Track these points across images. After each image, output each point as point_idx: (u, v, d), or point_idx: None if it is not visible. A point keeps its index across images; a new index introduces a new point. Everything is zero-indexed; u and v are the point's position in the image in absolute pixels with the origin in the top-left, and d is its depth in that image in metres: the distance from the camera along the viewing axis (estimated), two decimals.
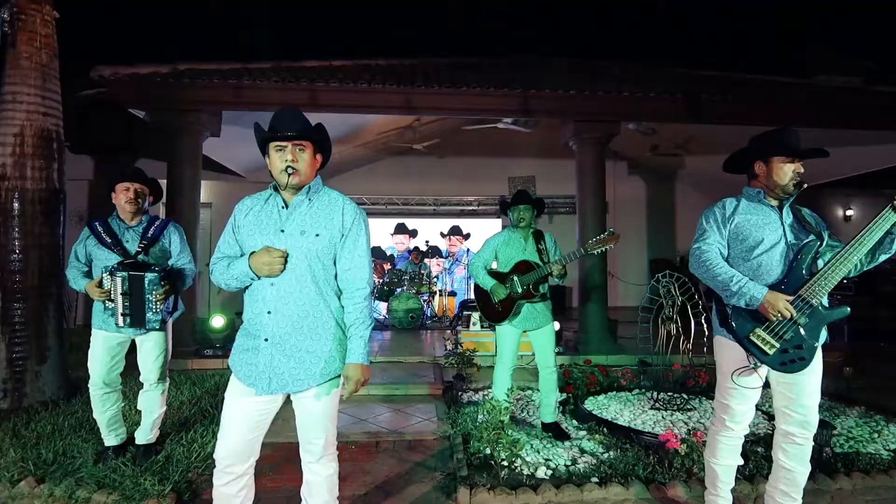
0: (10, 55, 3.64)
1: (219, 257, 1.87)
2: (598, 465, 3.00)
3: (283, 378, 1.75)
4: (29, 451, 2.93)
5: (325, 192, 1.87)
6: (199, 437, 3.21)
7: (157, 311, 2.74)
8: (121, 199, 2.82)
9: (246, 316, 1.82)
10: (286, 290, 1.75)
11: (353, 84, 5.53)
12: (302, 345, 1.76)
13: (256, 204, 1.86)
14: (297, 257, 1.76)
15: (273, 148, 1.78)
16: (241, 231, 1.83)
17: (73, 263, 2.86)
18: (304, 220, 1.80)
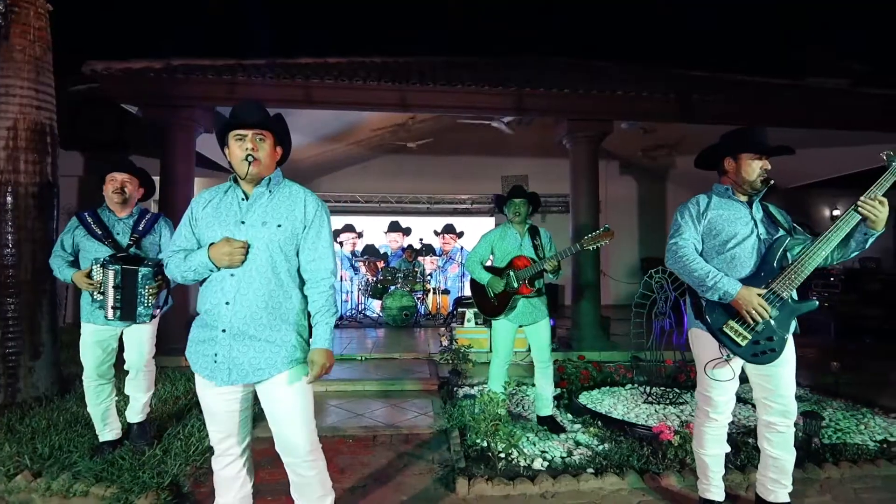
0: (3, 48, 3.61)
1: (174, 250, 1.84)
2: (594, 457, 3.05)
3: (243, 368, 1.72)
4: (24, 446, 2.91)
5: (285, 185, 1.86)
6: (197, 431, 3.20)
7: (149, 306, 2.73)
8: (108, 190, 2.81)
9: (202, 307, 1.79)
10: (246, 281, 1.73)
11: (348, 81, 5.54)
12: (261, 335, 1.73)
13: (215, 196, 1.85)
14: (259, 248, 1.75)
15: (233, 137, 1.77)
16: (199, 223, 1.82)
17: (57, 253, 2.84)
18: (266, 211, 1.78)
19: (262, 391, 1.79)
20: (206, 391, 1.80)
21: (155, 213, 2.97)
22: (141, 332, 2.86)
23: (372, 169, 10.48)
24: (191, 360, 1.80)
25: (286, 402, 1.78)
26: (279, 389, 1.77)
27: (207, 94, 5.53)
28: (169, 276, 1.85)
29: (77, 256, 2.86)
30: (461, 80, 5.75)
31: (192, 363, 1.80)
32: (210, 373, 1.75)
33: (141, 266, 2.69)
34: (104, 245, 2.76)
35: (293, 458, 1.82)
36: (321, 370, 1.75)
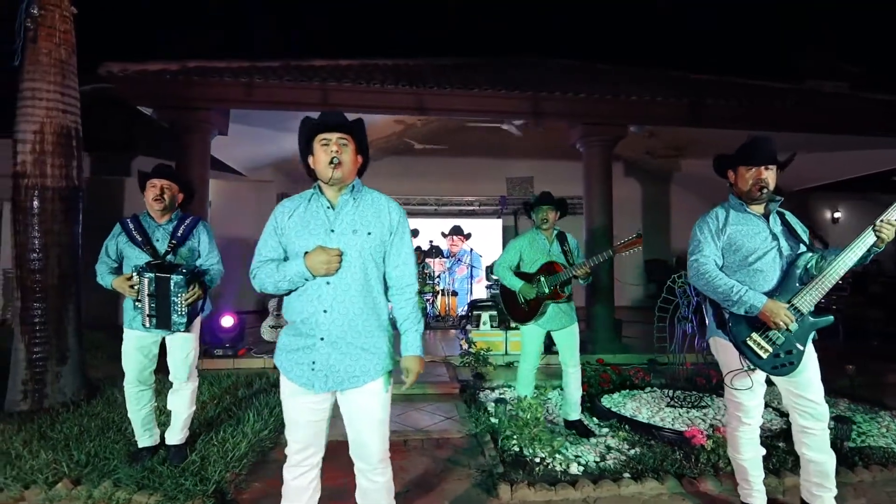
0: (31, 51, 3.58)
1: (262, 261, 1.86)
2: (627, 461, 3.07)
3: (339, 375, 1.77)
4: (60, 453, 2.90)
5: (367, 192, 1.90)
6: (230, 437, 3.20)
7: (183, 314, 2.69)
8: (148, 196, 2.80)
9: (296, 316, 1.81)
10: (342, 289, 1.77)
11: (365, 84, 5.54)
12: (357, 342, 1.78)
13: (299, 205, 1.87)
14: (352, 256, 1.78)
15: (318, 143, 1.81)
16: (287, 233, 1.84)
17: (102, 259, 2.83)
18: (353, 219, 1.82)
19: (348, 398, 1.82)
20: (296, 399, 1.82)
21: (194, 217, 2.96)
22: (182, 340, 2.84)
23: (377, 170, 10.41)
24: (284, 368, 1.83)
25: (371, 409, 1.82)
26: (367, 397, 1.81)
27: (224, 96, 5.50)
28: (258, 286, 1.85)
29: (121, 263, 2.85)
30: (476, 83, 5.77)
31: (285, 371, 1.83)
32: (307, 380, 1.78)
33: (173, 274, 2.66)
34: (143, 251, 2.75)
35: (366, 465, 1.85)
36: (416, 377, 1.84)
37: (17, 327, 3.59)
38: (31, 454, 2.88)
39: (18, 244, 3.58)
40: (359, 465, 1.87)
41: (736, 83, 7.15)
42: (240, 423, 3.46)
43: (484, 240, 9.72)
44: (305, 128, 1.85)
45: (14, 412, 3.49)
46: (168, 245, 2.80)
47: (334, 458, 1.93)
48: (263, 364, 5.43)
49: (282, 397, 1.88)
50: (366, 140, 1.91)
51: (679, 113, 6.05)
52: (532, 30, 11.98)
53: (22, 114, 3.59)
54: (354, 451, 1.87)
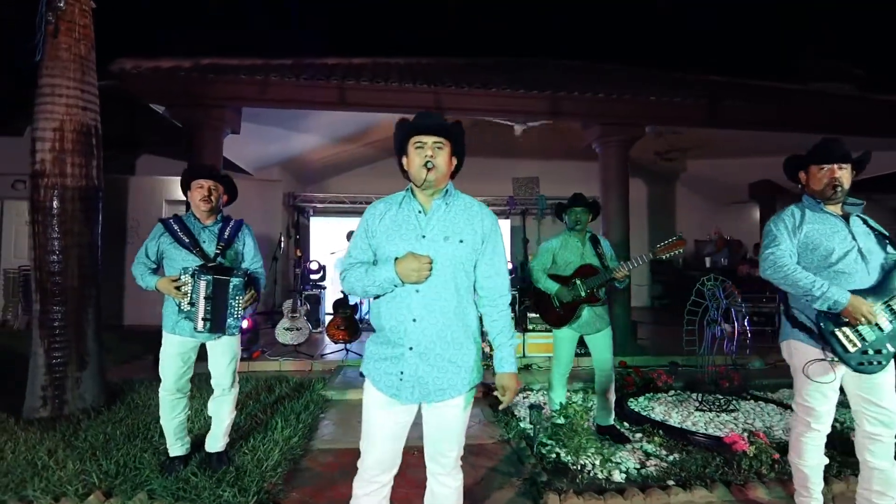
0: (50, 46, 3.46)
1: (352, 263, 1.81)
2: (668, 468, 3.02)
3: (427, 387, 1.71)
4: (88, 463, 2.79)
5: (459, 197, 1.84)
6: (261, 446, 3.11)
7: (238, 318, 2.67)
8: (195, 197, 2.71)
9: (384, 323, 1.76)
10: (432, 298, 1.70)
11: (382, 83, 5.45)
12: (446, 354, 1.72)
13: (390, 208, 1.82)
14: (443, 264, 1.71)
15: (413, 146, 1.76)
16: (377, 236, 1.78)
17: (141, 260, 2.73)
18: (445, 225, 1.75)
19: (433, 410, 1.75)
20: (380, 411, 1.75)
21: (238, 220, 2.88)
22: (226, 345, 2.76)
23: (381, 170, 10.36)
24: (371, 377, 1.78)
25: (454, 422, 1.76)
26: (452, 411, 1.75)
27: (239, 94, 5.40)
28: (347, 288, 1.79)
29: (160, 264, 2.75)
30: (494, 82, 5.70)
31: (374, 381, 1.77)
32: (395, 391, 1.72)
33: (232, 276, 2.60)
34: (192, 254, 2.66)
35: (441, 468, 1.81)
36: (514, 395, 1.77)
37: (36, 331, 3.47)
38: (57, 464, 2.77)
39: (38, 245, 3.45)
40: (432, 468, 1.83)
41: (748, 85, 7.15)
42: (268, 430, 3.37)
43: None
44: (402, 129, 1.79)
45: (34, 419, 3.37)
46: (217, 247, 2.71)
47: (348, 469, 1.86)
48: (279, 367, 5.33)
49: (365, 408, 1.82)
50: (463, 143, 1.84)
51: (697, 113, 6.02)
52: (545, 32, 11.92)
53: (41, 111, 3.47)
54: (431, 456, 1.82)
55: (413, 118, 1.79)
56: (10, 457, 2.82)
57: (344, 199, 9.51)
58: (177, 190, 8.75)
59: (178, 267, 2.66)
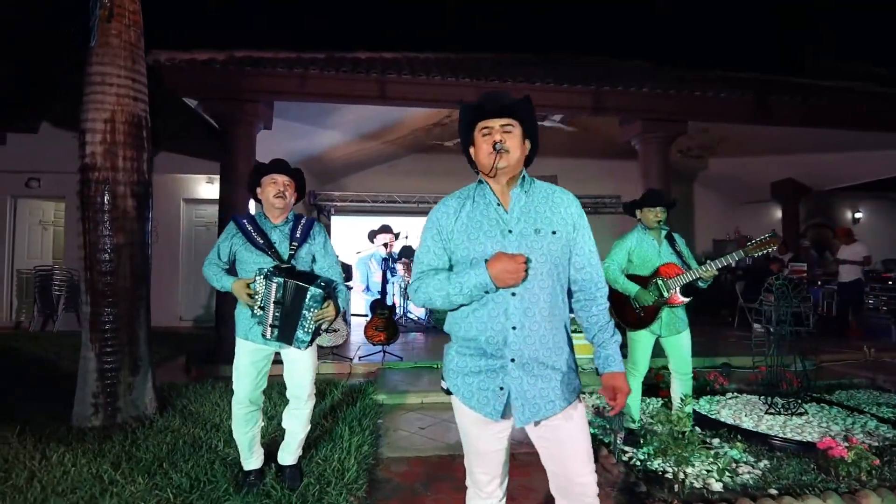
0: (100, 31, 3.27)
1: (424, 271, 1.59)
2: (763, 475, 2.88)
3: (535, 402, 1.49)
4: (158, 477, 2.60)
5: (537, 184, 1.62)
6: (335, 455, 2.93)
7: (308, 331, 2.39)
8: (269, 194, 2.50)
9: (477, 334, 1.53)
10: (531, 301, 1.49)
11: (424, 76, 5.28)
12: (549, 361, 1.51)
13: (463, 204, 1.60)
14: (538, 261, 1.50)
15: (479, 132, 1.55)
16: (454, 237, 1.56)
17: (213, 260, 2.54)
18: (532, 216, 1.54)
19: (546, 429, 1.53)
20: (478, 429, 1.56)
21: (308, 217, 2.68)
22: (305, 354, 2.53)
23: (399, 168, 10.20)
24: (462, 395, 1.56)
25: (574, 438, 1.54)
26: (567, 424, 1.53)
27: (277, 87, 5.21)
28: (422, 301, 1.58)
29: (232, 266, 2.56)
30: (537, 76, 5.55)
31: (464, 399, 1.55)
32: (493, 409, 1.51)
33: (312, 285, 2.37)
34: (266, 255, 2.46)
35: (584, 499, 1.55)
36: (625, 397, 1.54)
37: (86, 334, 3.27)
38: (125, 478, 2.58)
39: (88, 244, 3.25)
40: None
41: (802, 83, 7.00)
42: (335, 438, 3.19)
43: None
44: (465, 114, 1.59)
45: (85, 428, 3.17)
46: (290, 248, 2.52)
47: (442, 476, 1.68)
48: (319, 370, 5.14)
49: (460, 424, 1.63)
50: (535, 122, 1.61)
51: (741, 109, 5.90)
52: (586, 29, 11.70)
53: (91, 101, 3.27)
54: (559, 484, 1.58)
55: (478, 99, 1.57)
56: (72, 470, 2.62)
57: (366, 197, 9.32)
58: (196, 188, 8.62)
59: (249, 269, 2.47)
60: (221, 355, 5.21)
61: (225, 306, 5.29)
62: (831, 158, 8.58)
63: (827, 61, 11.07)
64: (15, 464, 2.70)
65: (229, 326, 5.29)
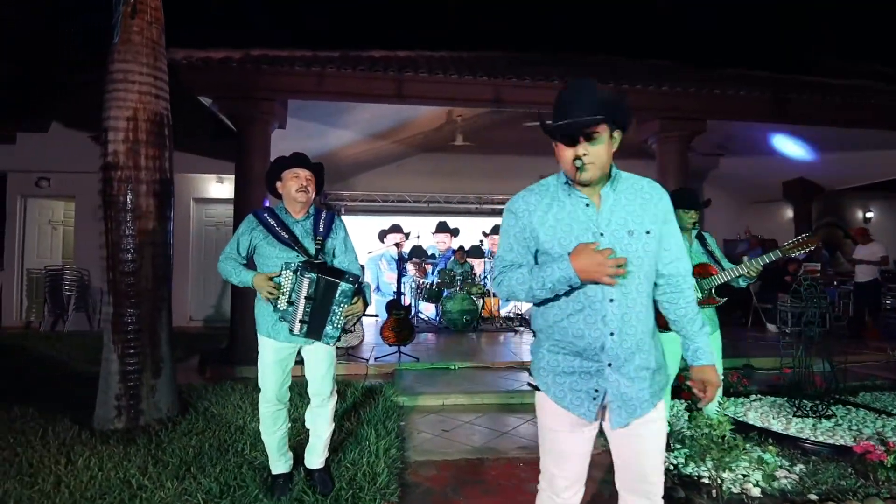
0: (122, 28, 3.22)
1: (507, 265, 1.55)
2: (801, 480, 2.82)
3: (632, 404, 1.47)
4: (187, 481, 2.55)
5: (622, 178, 1.53)
6: (358, 458, 2.88)
7: (338, 327, 2.37)
8: (291, 188, 2.44)
9: (573, 339, 1.49)
10: (628, 306, 1.45)
11: (442, 75, 5.22)
12: (644, 363, 1.49)
13: (542, 199, 1.53)
14: (635, 264, 1.45)
15: (560, 147, 1.46)
16: (540, 234, 1.50)
17: (230, 255, 2.46)
18: (623, 216, 1.47)
19: (632, 428, 1.49)
20: (568, 430, 1.53)
21: (329, 212, 2.63)
22: (325, 350, 2.50)
23: (408, 167, 10.15)
24: (552, 393, 1.53)
25: (656, 435, 1.52)
26: (652, 423, 1.50)
27: (294, 86, 5.16)
28: (505, 294, 1.54)
29: (250, 261, 2.51)
30: (556, 74, 5.49)
31: (556, 398, 1.52)
32: (587, 410, 1.48)
33: (342, 280, 2.34)
34: (292, 250, 2.41)
35: (648, 501, 1.54)
36: (714, 390, 1.51)
37: (108, 335, 3.22)
38: (153, 483, 2.53)
39: (111, 243, 3.20)
40: (636, 502, 1.55)
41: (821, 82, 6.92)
42: (360, 441, 3.14)
43: None
44: (545, 129, 1.50)
45: (108, 431, 3.12)
46: (315, 242, 2.47)
47: (473, 480, 1.63)
48: None
49: (544, 423, 1.60)
50: (625, 112, 1.47)
51: (761, 108, 5.83)
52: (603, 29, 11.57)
53: (113, 98, 3.22)
54: (630, 484, 1.56)
55: (556, 104, 1.45)
56: (99, 475, 2.57)
57: (376, 196, 9.28)
58: (206, 188, 8.56)
59: (270, 265, 2.42)
60: (237, 356, 5.16)
61: (241, 307, 5.24)
62: (844, 157, 8.52)
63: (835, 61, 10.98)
64: (40, 468, 2.66)
65: (245, 327, 5.29)
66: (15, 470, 2.63)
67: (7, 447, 2.91)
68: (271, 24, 9.09)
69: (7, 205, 8.06)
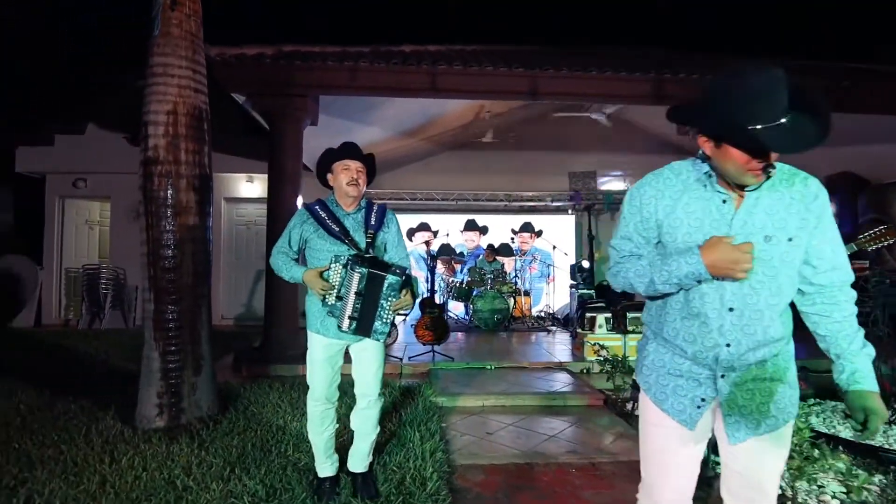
0: (163, 21, 3.18)
1: (626, 256, 1.42)
2: (883, 492, 2.60)
3: (754, 419, 1.32)
4: (233, 483, 2.47)
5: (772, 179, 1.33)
6: (404, 461, 2.76)
7: (387, 322, 2.27)
8: (341, 181, 2.34)
9: (684, 343, 1.36)
10: (751, 318, 1.29)
11: (477, 67, 5.09)
12: (767, 376, 1.33)
13: (677, 186, 1.36)
14: (764, 274, 1.28)
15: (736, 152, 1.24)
16: (664, 224, 1.35)
17: (282, 249, 2.38)
18: (762, 218, 1.29)
19: (746, 448, 1.34)
20: (671, 437, 1.39)
21: (380, 204, 2.52)
22: (377, 348, 2.40)
23: (434, 166, 10.04)
24: (652, 393, 1.42)
25: (778, 458, 1.37)
26: (776, 444, 1.35)
27: (327, 81, 5.10)
28: (620, 284, 1.41)
29: (300, 256, 2.42)
30: (595, 65, 5.30)
31: (655, 398, 1.41)
32: (688, 417, 1.35)
33: (389, 273, 2.24)
34: (343, 244, 2.31)
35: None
36: (880, 422, 1.27)
37: (150, 333, 3.18)
38: (197, 484, 2.46)
39: (151, 239, 3.16)
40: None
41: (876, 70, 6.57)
42: (404, 442, 3.02)
43: (557, 237, 9.22)
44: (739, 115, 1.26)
45: (150, 429, 3.08)
46: (366, 235, 2.37)
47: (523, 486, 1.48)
48: None
49: (646, 428, 1.46)
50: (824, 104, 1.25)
51: None
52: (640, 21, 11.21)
53: (153, 92, 3.18)
54: (737, 497, 1.40)
55: (748, 95, 1.18)
56: (144, 475, 2.52)
57: (404, 195, 9.20)
58: (237, 187, 8.60)
59: (321, 258, 2.33)
60: (271, 355, 5.12)
61: (274, 306, 5.20)
62: (892, 150, 8.07)
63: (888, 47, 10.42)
64: (85, 467, 2.62)
65: (278, 326, 5.24)
66: (60, 468, 2.60)
67: (52, 444, 2.89)
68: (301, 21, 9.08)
69: (46, 206, 8.24)
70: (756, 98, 1.18)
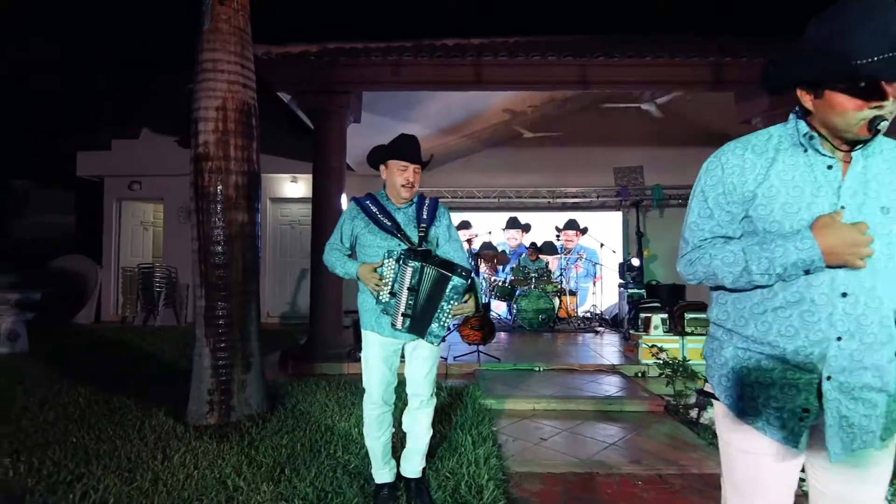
0: (212, 16, 3.17)
1: (704, 238, 1.22)
2: None
3: (852, 432, 1.10)
4: (283, 485, 2.40)
5: (879, 139, 1.13)
6: (457, 467, 2.62)
7: (445, 326, 2.12)
8: (396, 180, 2.23)
9: (779, 339, 1.14)
10: (868, 305, 1.07)
11: (524, 57, 4.90)
12: (877, 383, 1.10)
13: (769, 152, 1.15)
14: (882, 252, 1.08)
15: (856, 87, 1.06)
16: (760, 201, 1.14)
17: (335, 245, 2.30)
18: (877, 187, 1.10)
19: (844, 468, 1.14)
20: (763, 457, 1.18)
21: (432, 198, 2.40)
22: (428, 349, 2.27)
23: (476, 164, 9.88)
24: (737, 408, 1.20)
25: (881, 480, 1.15)
26: (878, 464, 1.13)
27: (371, 77, 5.04)
28: (700, 276, 1.22)
29: (353, 251, 2.33)
30: (649, 51, 5.01)
31: (741, 414, 1.19)
32: (789, 434, 1.13)
33: (455, 274, 2.08)
34: (395, 238, 2.20)
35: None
36: None
37: (201, 329, 3.19)
38: (247, 484, 2.41)
39: (202, 235, 3.17)
40: None
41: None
42: (456, 448, 2.88)
43: (603, 234, 8.89)
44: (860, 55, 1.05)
45: (201, 426, 3.08)
46: (419, 229, 2.25)
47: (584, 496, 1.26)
48: None
49: (728, 447, 1.25)
50: None
51: None
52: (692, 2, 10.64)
53: (203, 88, 3.18)
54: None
55: (859, 11, 0.99)
56: (195, 474, 2.49)
57: (444, 193, 9.09)
58: (281, 187, 8.72)
59: (372, 254, 2.22)
60: (316, 353, 5.11)
61: (320, 304, 5.19)
62: None
63: None
64: (138, 463, 2.62)
65: (323, 324, 5.22)
66: (115, 464, 2.61)
67: (108, 439, 2.93)
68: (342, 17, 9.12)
69: (104, 207, 8.62)
70: (862, 25, 0.99)
